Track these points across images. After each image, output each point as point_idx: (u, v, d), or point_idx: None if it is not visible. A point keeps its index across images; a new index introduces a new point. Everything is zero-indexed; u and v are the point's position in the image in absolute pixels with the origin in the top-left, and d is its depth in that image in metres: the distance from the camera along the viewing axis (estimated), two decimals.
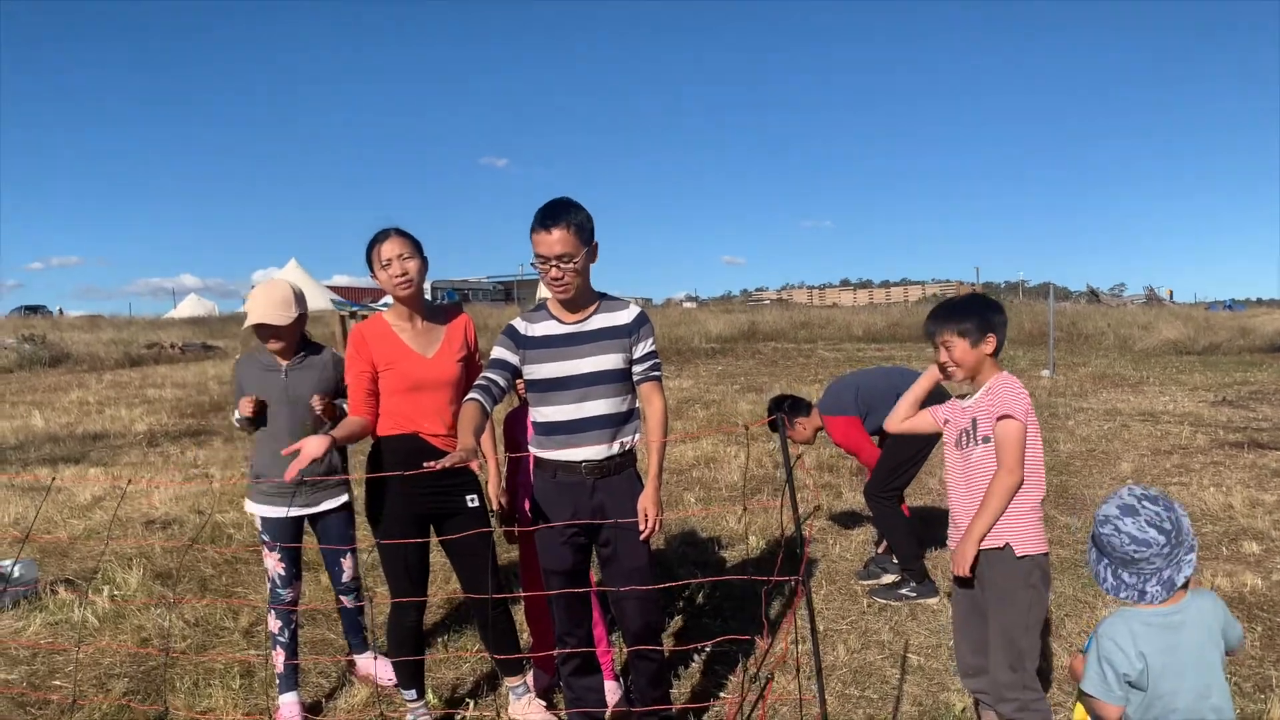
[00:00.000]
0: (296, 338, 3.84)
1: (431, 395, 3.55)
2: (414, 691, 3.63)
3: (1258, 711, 3.64)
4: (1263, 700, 3.71)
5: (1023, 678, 2.99)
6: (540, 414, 3.28)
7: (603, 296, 3.33)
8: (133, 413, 13.08)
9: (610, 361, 3.21)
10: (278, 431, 3.75)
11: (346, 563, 4.02)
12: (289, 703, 3.83)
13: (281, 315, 3.71)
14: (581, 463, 3.21)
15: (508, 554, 5.27)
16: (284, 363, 3.82)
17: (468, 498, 3.63)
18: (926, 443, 4.96)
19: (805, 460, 8.92)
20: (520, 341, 3.27)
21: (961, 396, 3.20)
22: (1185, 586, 2.26)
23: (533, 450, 3.37)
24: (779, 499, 7.34)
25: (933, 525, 5.89)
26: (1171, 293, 48.62)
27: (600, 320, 3.25)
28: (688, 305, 55.99)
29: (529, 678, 3.86)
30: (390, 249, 3.47)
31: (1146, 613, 2.26)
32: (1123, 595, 2.27)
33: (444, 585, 5.15)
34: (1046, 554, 3.05)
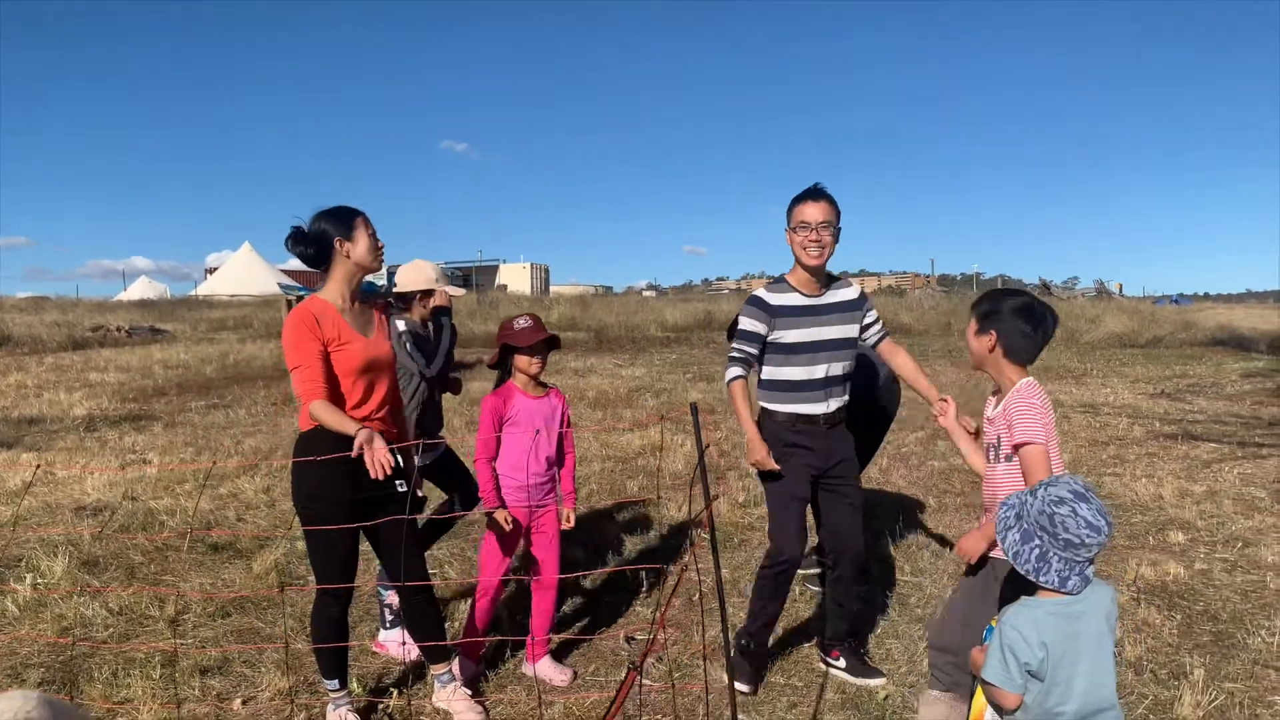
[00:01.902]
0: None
1: (376, 378, 3.52)
2: (336, 681, 3.58)
3: (1170, 698, 3.72)
4: (1175, 687, 3.79)
5: (967, 638, 2.96)
6: (781, 374, 3.88)
7: (831, 275, 3.93)
8: (72, 397, 12.78)
9: (846, 330, 3.88)
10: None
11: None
12: (390, 638, 4.33)
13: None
14: (820, 415, 3.84)
15: (446, 543, 5.24)
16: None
17: (397, 483, 3.59)
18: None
19: None
20: (771, 311, 3.84)
21: (996, 392, 3.12)
22: None
23: (767, 405, 3.93)
24: (719, 485, 7.37)
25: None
26: (1121, 286, 49.36)
27: (834, 295, 3.89)
28: (647, 294, 55.95)
29: (455, 666, 3.84)
30: (370, 222, 3.53)
31: (1050, 602, 2.28)
32: (1043, 580, 2.27)
33: (369, 573, 5.09)
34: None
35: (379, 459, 3.11)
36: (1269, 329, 22.48)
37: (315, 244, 3.48)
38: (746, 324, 3.86)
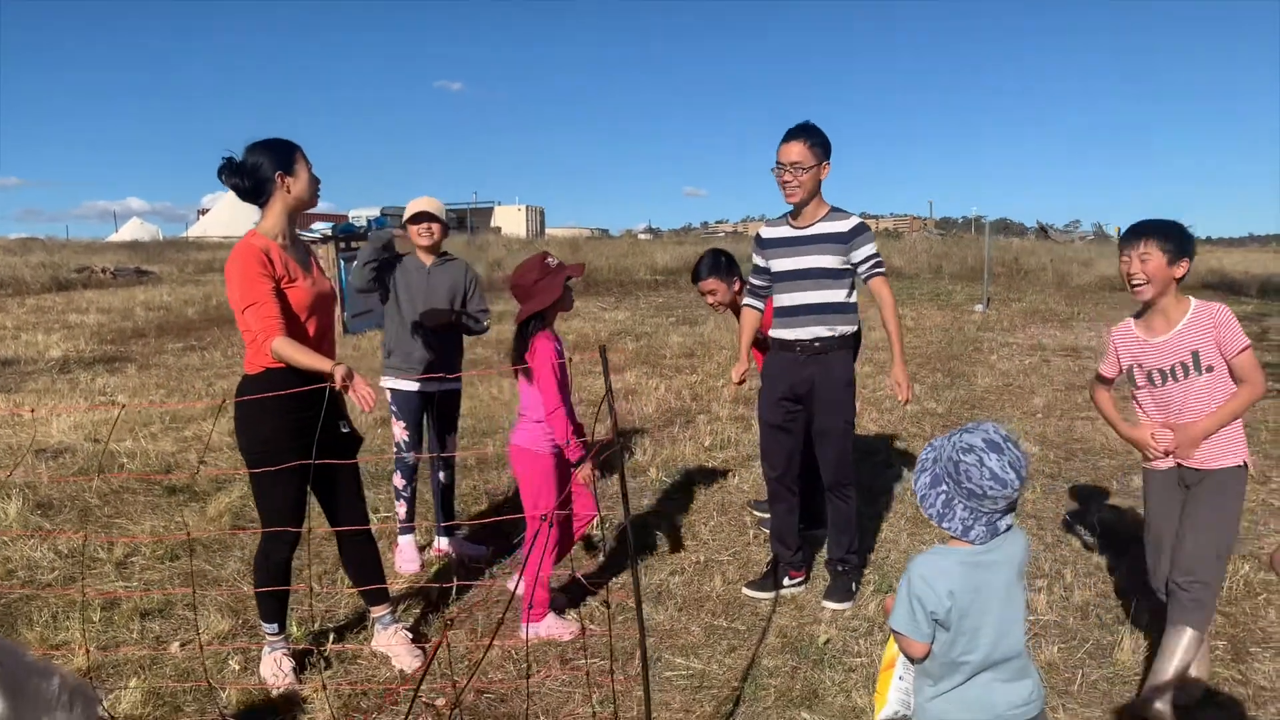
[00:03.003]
0: (444, 238, 4.61)
1: (321, 317, 3.45)
2: (275, 625, 3.55)
3: (1111, 642, 3.70)
4: (1116, 633, 3.77)
5: (1221, 569, 3.26)
6: (776, 301, 4.14)
7: (833, 209, 4.03)
8: (50, 338, 12.69)
9: (826, 260, 3.96)
10: (410, 320, 4.50)
11: (453, 440, 4.72)
12: (407, 543, 4.67)
13: (441, 210, 4.59)
14: (796, 341, 4.03)
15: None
16: (428, 263, 4.57)
17: (340, 424, 3.54)
18: None
19: (723, 392, 8.91)
20: (763, 244, 4.16)
21: (1140, 317, 3.33)
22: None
23: (770, 331, 4.19)
24: (687, 429, 7.33)
25: None
26: (1119, 230, 49.10)
27: (822, 227, 3.99)
28: (644, 237, 55.51)
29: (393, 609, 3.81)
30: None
31: (961, 551, 2.22)
32: (946, 525, 2.21)
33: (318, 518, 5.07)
34: None
35: (362, 393, 3.10)
36: (1260, 273, 22.33)
37: (251, 177, 3.34)
38: (753, 259, 4.24)
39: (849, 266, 4.00)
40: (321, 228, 14.23)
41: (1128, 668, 3.50)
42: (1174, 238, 3.18)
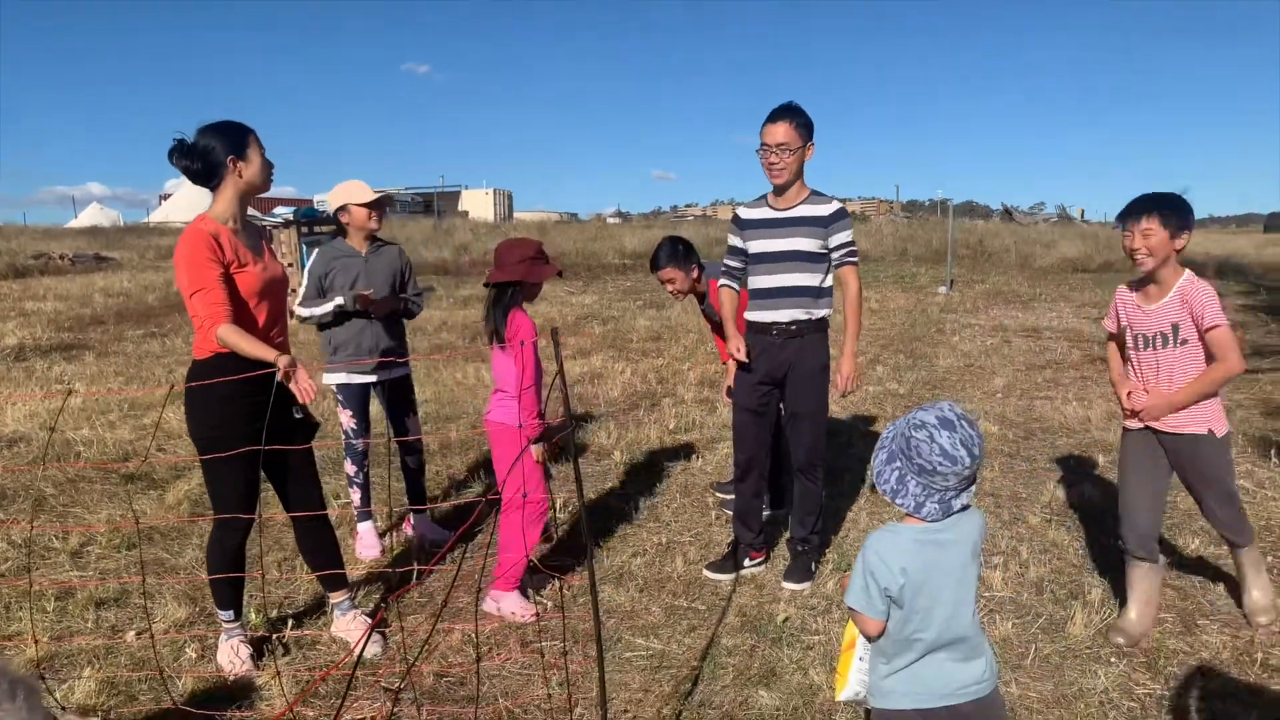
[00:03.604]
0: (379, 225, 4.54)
1: (272, 302, 3.41)
2: (231, 612, 3.52)
3: (1063, 618, 3.76)
4: (1069, 607, 3.83)
5: (1236, 504, 3.55)
6: (752, 283, 4.10)
7: (814, 192, 4.00)
8: (5, 326, 12.45)
9: (805, 244, 3.93)
10: (353, 311, 4.39)
11: (414, 421, 4.71)
12: (366, 529, 4.62)
13: (380, 198, 4.47)
14: (773, 324, 4.01)
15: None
16: (363, 250, 4.48)
17: (294, 411, 3.50)
18: None
19: (688, 376, 8.93)
20: (741, 224, 4.11)
21: (1139, 287, 3.50)
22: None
23: (745, 313, 4.14)
24: (652, 412, 7.34)
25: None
26: (1083, 211, 49.74)
27: (803, 210, 3.95)
28: (613, 221, 55.34)
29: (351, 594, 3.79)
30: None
31: (915, 528, 2.23)
32: (899, 502, 2.23)
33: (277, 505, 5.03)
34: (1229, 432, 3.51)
35: (304, 385, 3.09)
36: (1219, 253, 22.70)
37: (203, 159, 3.28)
38: (729, 240, 4.19)
39: (826, 251, 3.99)
40: (284, 212, 14.11)
41: (1080, 641, 3.56)
42: (1176, 211, 3.31)
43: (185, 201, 46.27)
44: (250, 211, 3.87)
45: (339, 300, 4.34)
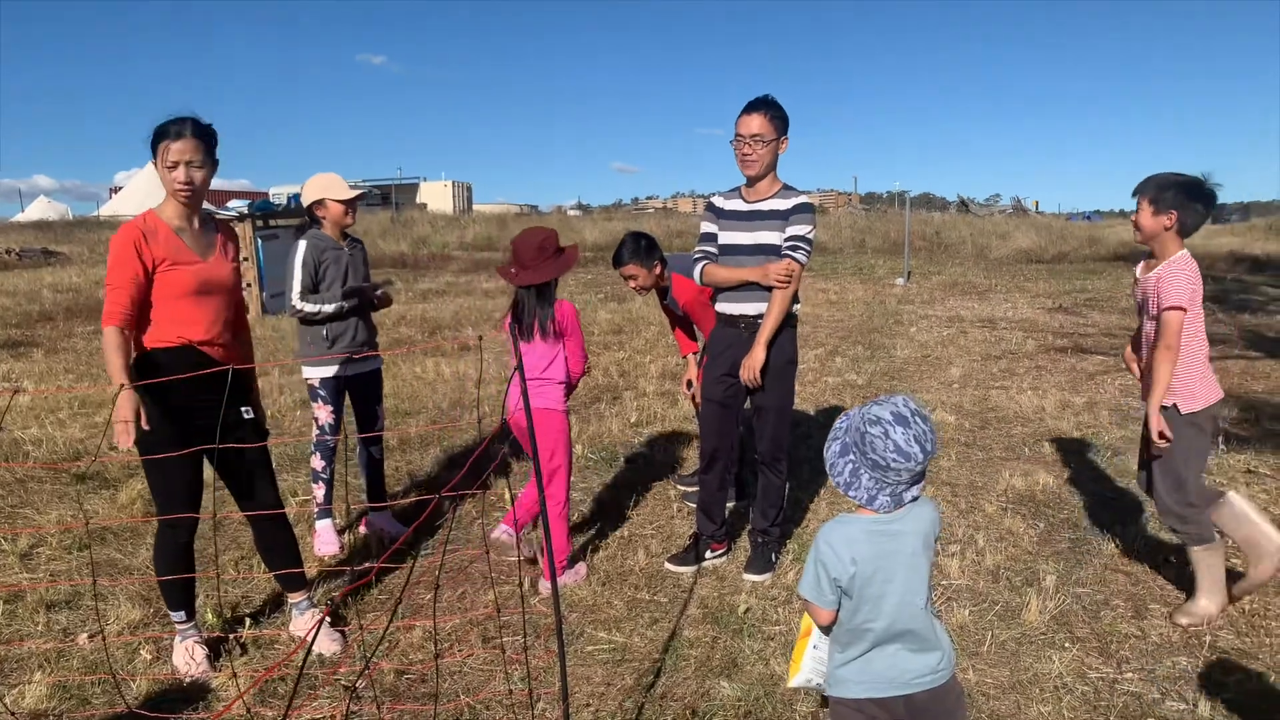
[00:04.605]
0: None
1: (215, 300, 3.34)
2: (182, 613, 3.46)
3: (1019, 604, 3.82)
4: (1025, 594, 3.89)
5: (1185, 497, 3.57)
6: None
7: (785, 187, 4.02)
8: None
9: (771, 237, 3.95)
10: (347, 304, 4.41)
11: (381, 411, 4.73)
12: (325, 527, 4.55)
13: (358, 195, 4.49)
14: (740, 316, 4.04)
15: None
16: (344, 244, 4.49)
17: (242, 409, 3.46)
18: None
19: (650, 369, 8.93)
20: (718, 213, 4.11)
21: (1149, 258, 3.65)
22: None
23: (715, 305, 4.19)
24: (614, 405, 7.33)
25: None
26: (1037, 203, 50.35)
27: (771, 204, 3.96)
28: (574, 214, 55.11)
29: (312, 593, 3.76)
30: (180, 151, 3.17)
31: (867, 519, 2.25)
32: (852, 494, 2.25)
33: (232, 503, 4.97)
34: (1213, 404, 3.54)
35: (117, 428, 2.89)
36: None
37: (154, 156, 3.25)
38: (704, 226, 4.18)
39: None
40: (238, 205, 13.88)
41: (1035, 628, 3.62)
42: (1161, 190, 3.48)
43: (137, 194, 45.28)
44: (205, 206, 3.80)
45: (352, 296, 4.42)
